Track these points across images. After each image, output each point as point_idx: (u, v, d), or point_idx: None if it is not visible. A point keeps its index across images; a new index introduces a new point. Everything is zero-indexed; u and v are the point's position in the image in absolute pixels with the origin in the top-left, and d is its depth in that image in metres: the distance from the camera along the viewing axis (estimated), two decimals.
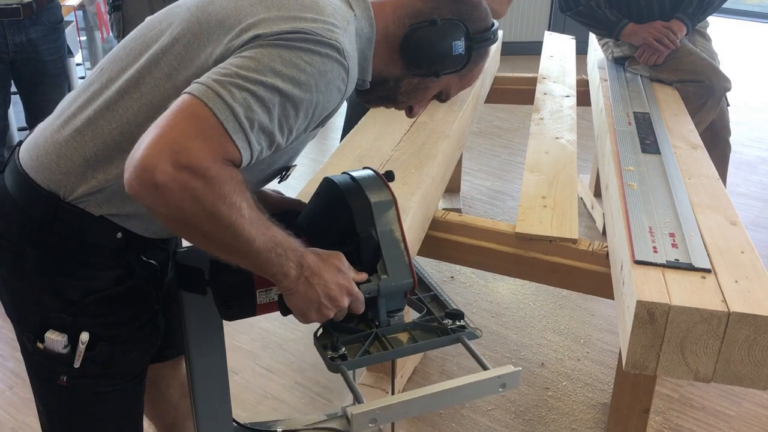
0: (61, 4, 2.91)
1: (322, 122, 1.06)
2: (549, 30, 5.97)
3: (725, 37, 5.46)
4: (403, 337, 1.08)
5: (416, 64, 1.12)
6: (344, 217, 1.06)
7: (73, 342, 1.12)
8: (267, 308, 1.07)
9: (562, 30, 5.38)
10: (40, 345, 1.13)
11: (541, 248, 1.74)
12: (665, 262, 1.35)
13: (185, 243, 1.15)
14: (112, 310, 1.14)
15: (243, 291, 1.04)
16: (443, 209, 2.04)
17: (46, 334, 1.12)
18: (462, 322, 1.09)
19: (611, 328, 2.48)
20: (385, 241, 1.05)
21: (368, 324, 1.08)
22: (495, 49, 2.92)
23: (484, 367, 1.02)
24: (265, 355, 2.30)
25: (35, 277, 1.12)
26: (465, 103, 2.24)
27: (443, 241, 1.81)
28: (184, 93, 0.89)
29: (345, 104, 2.61)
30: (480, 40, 1.14)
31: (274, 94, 0.91)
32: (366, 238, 1.05)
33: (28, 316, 1.15)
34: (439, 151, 1.86)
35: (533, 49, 5.24)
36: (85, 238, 1.09)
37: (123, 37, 2.82)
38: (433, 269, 2.78)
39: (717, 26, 3.03)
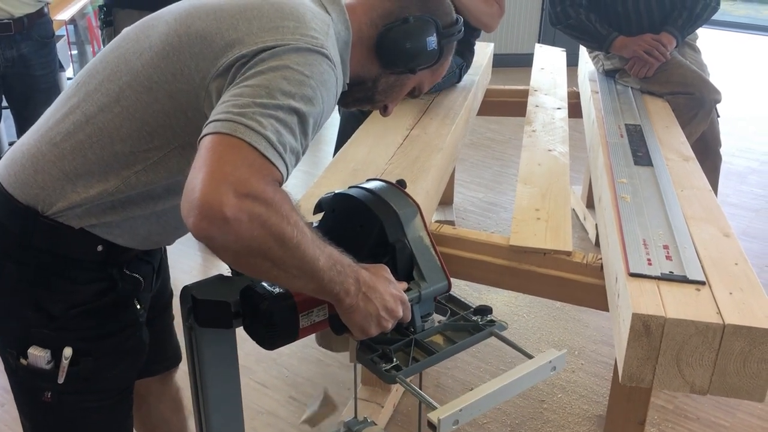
0: (52, 18, 2.91)
1: None
2: (539, 42, 6.01)
3: (714, 49, 5.50)
4: (438, 339, 1.10)
5: (393, 63, 1.13)
6: (374, 230, 1.07)
7: (57, 357, 1.11)
8: (307, 331, 1.07)
9: (552, 42, 5.41)
10: (23, 361, 1.12)
11: (535, 260, 1.74)
12: (660, 275, 1.35)
13: (185, 275, 1.14)
14: (95, 324, 1.13)
15: (288, 317, 1.03)
16: (437, 222, 2.04)
17: (29, 350, 1.11)
18: (491, 317, 1.12)
19: (605, 340, 2.48)
20: (417, 249, 1.07)
21: (401, 332, 1.08)
22: (486, 62, 2.93)
23: (528, 356, 1.04)
24: (259, 369, 2.29)
25: (16, 292, 1.11)
26: (458, 116, 2.24)
27: None
28: (211, 134, 0.88)
29: (338, 116, 2.62)
30: (449, 34, 1.17)
31: (292, 114, 0.92)
32: (401, 248, 1.06)
33: (10, 331, 1.14)
34: (432, 164, 1.87)
35: (524, 62, 5.28)
36: (65, 252, 1.08)
37: None
38: None
39: (706, 38, 3.05)
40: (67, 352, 1.10)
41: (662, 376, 1.27)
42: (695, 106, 2.37)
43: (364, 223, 1.09)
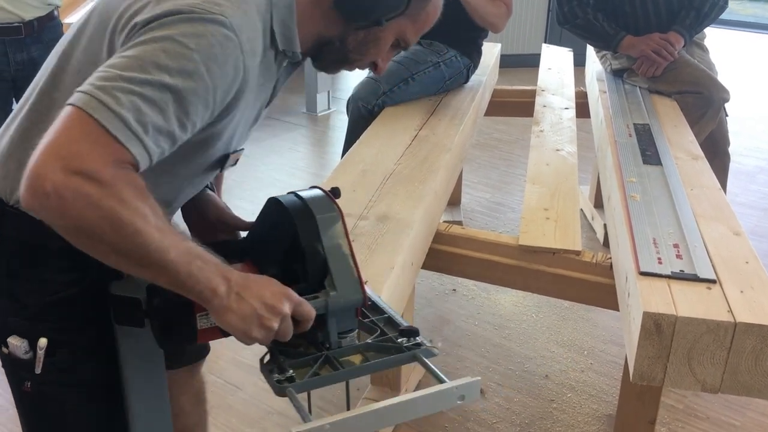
0: (62, 21, 2.93)
1: (267, 102, 1.06)
2: (546, 42, 6.00)
3: (722, 48, 5.49)
4: (356, 359, 1.02)
5: (355, 17, 1.06)
6: (289, 233, 1.01)
7: (33, 348, 1.09)
8: (209, 334, 1.00)
9: (558, 42, 5.41)
10: (5, 350, 1.10)
11: (544, 260, 1.74)
12: (670, 273, 1.35)
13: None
14: (69, 315, 1.10)
15: (181, 315, 0.98)
16: (445, 222, 2.05)
17: (8, 339, 1.09)
18: (418, 340, 1.03)
19: (615, 339, 2.48)
20: (332, 256, 1.00)
21: (318, 347, 1.01)
22: (494, 62, 2.94)
23: (441, 381, 0.95)
24: None
25: None
26: (466, 116, 2.25)
27: (447, 254, 1.82)
28: (68, 104, 0.84)
29: (346, 119, 2.62)
30: None
31: (164, 92, 0.86)
32: (311, 252, 1.00)
33: None
34: (441, 164, 1.87)
35: (530, 62, 5.27)
36: (31, 239, 1.05)
37: None
38: (434, 282, 2.78)
39: (714, 37, 3.05)
40: (42, 342, 1.08)
41: (673, 375, 1.27)
42: (704, 105, 2.37)
43: (281, 226, 1.04)
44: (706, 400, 2.18)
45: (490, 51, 3.10)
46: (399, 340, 1.03)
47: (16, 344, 1.09)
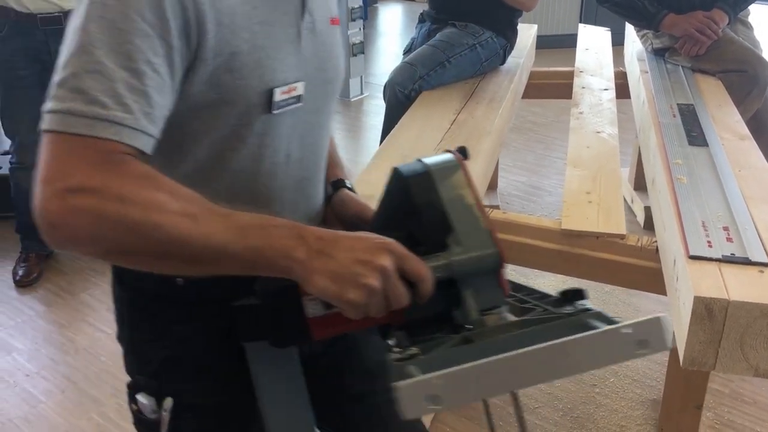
0: None
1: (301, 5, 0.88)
2: (581, 22, 5.90)
3: (766, 25, 5.35)
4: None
5: None
6: (405, 195, 0.84)
7: (160, 407, 0.98)
8: (323, 326, 0.82)
9: (593, 22, 5.32)
10: (134, 406, 1.01)
11: (588, 244, 1.72)
12: (721, 257, 1.32)
13: None
14: (195, 375, 0.97)
15: (286, 300, 0.81)
16: None
17: (137, 396, 0.99)
18: (585, 303, 0.78)
19: None
20: (453, 208, 0.81)
21: (458, 331, 0.78)
22: (531, 43, 2.90)
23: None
24: None
25: (122, 335, 1.00)
26: (504, 99, 2.23)
27: None
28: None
29: (380, 104, 2.61)
30: None
31: (88, 52, 0.72)
32: (426, 206, 0.82)
33: (126, 373, 1.04)
34: (481, 148, 1.86)
35: (565, 42, 5.20)
36: (148, 286, 0.94)
37: None
38: None
39: (758, 14, 2.97)
40: (167, 403, 0.96)
41: (725, 360, 1.25)
42: (749, 83, 2.31)
43: (397, 191, 0.87)
44: (753, 384, 2.15)
45: (527, 32, 3.06)
46: (564, 309, 0.78)
47: (144, 402, 0.98)
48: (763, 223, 1.45)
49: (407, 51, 2.76)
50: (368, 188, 1.66)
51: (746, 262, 1.31)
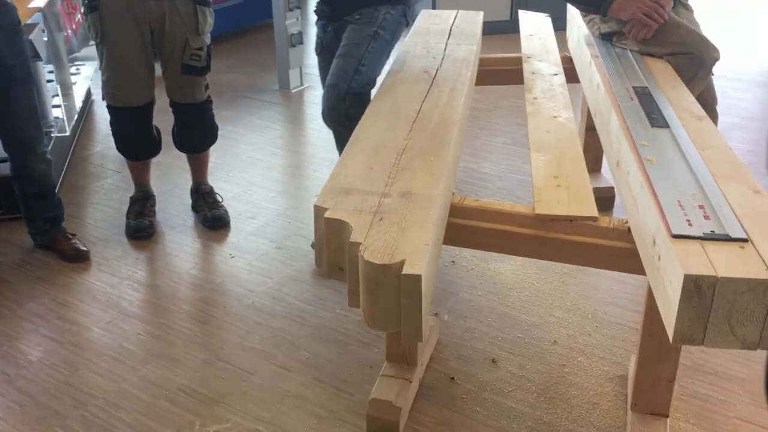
0: (24, 6, 2.80)
1: None
2: (515, 8, 5.99)
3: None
4: None
5: None
6: None
7: None
8: None
9: (525, 7, 5.41)
10: None
11: (561, 228, 1.75)
12: (702, 235, 1.36)
13: None
14: None
15: None
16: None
17: None
18: None
19: (616, 301, 2.52)
20: None
21: None
22: (479, 31, 2.92)
23: None
24: (278, 353, 2.27)
25: None
26: (465, 86, 2.23)
27: (462, 227, 1.81)
28: None
29: (320, 94, 2.59)
30: None
31: None
32: None
33: None
34: (451, 137, 1.85)
35: (497, 29, 5.27)
36: None
37: (102, 38, 2.75)
38: None
39: None
40: None
41: (713, 335, 1.28)
42: (695, 65, 2.38)
43: None
44: (711, 355, 2.24)
45: (474, 18, 3.08)
46: None
47: None
48: (734, 200, 1.50)
49: (319, 51, 2.79)
50: (345, 181, 1.64)
51: (727, 238, 1.36)
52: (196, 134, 2.99)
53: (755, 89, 4.82)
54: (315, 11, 2.77)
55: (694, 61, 2.38)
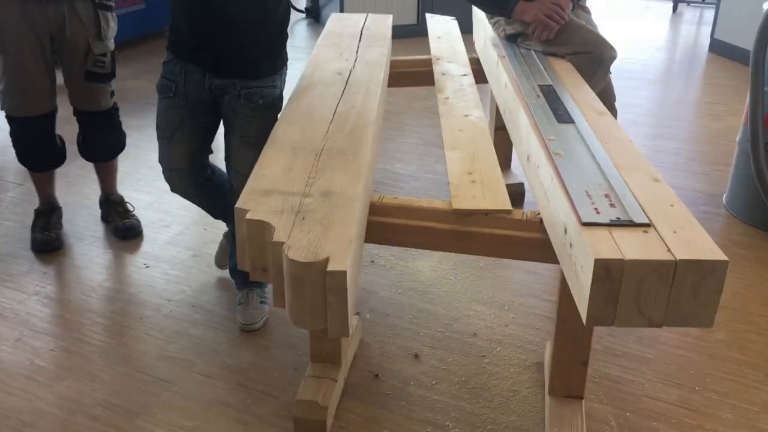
0: None
1: None
2: (419, 13, 6.12)
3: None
4: None
5: None
6: None
7: None
8: None
9: (431, 10, 5.53)
10: None
11: (478, 222, 1.80)
12: (609, 221, 1.45)
13: None
14: None
15: None
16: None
17: None
18: None
19: (530, 293, 2.61)
20: None
21: None
22: (389, 34, 2.96)
23: None
24: (200, 361, 2.24)
25: None
26: (379, 87, 2.27)
27: (383, 225, 1.84)
28: None
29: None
30: None
31: None
32: None
33: None
34: (369, 137, 1.88)
35: (403, 33, 5.36)
36: None
37: None
38: None
39: None
40: None
41: (622, 315, 1.36)
42: (595, 64, 2.51)
43: None
44: (619, 339, 2.36)
45: (384, 22, 3.13)
46: None
47: None
48: (637, 189, 1.59)
49: (172, 96, 2.37)
50: (266, 183, 1.64)
51: (631, 224, 1.44)
52: (104, 143, 2.90)
53: (649, 88, 5.10)
54: (168, 47, 2.22)
55: (593, 59, 2.51)
